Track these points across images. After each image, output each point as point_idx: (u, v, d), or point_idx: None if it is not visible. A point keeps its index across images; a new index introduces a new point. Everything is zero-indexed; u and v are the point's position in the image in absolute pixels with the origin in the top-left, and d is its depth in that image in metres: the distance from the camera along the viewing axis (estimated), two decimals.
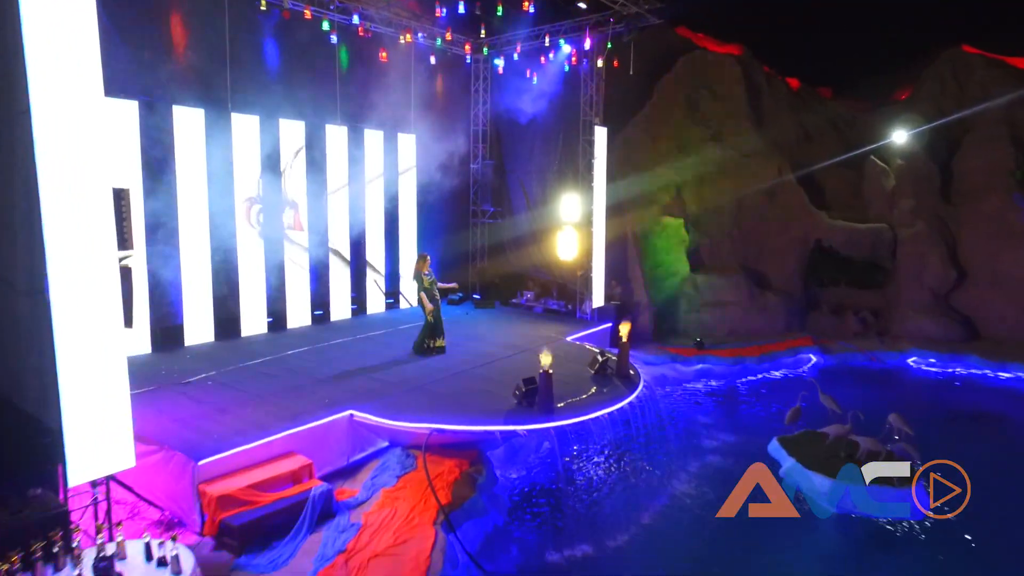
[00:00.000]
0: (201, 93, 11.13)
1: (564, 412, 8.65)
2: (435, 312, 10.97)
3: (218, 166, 11.40)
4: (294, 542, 6.83)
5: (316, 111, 12.93)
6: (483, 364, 10.71)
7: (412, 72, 14.77)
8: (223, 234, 11.61)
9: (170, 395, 8.88)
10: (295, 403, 8.66)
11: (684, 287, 17.42)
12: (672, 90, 18.20)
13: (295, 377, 9.76)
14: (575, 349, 11.87)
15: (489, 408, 8.75)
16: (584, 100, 14.31)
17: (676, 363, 14.97)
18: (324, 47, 12.82)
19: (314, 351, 11.25)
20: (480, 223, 16.90)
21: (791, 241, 18.54)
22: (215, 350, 11.18)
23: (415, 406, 8.73)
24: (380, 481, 8.03)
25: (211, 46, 11.25)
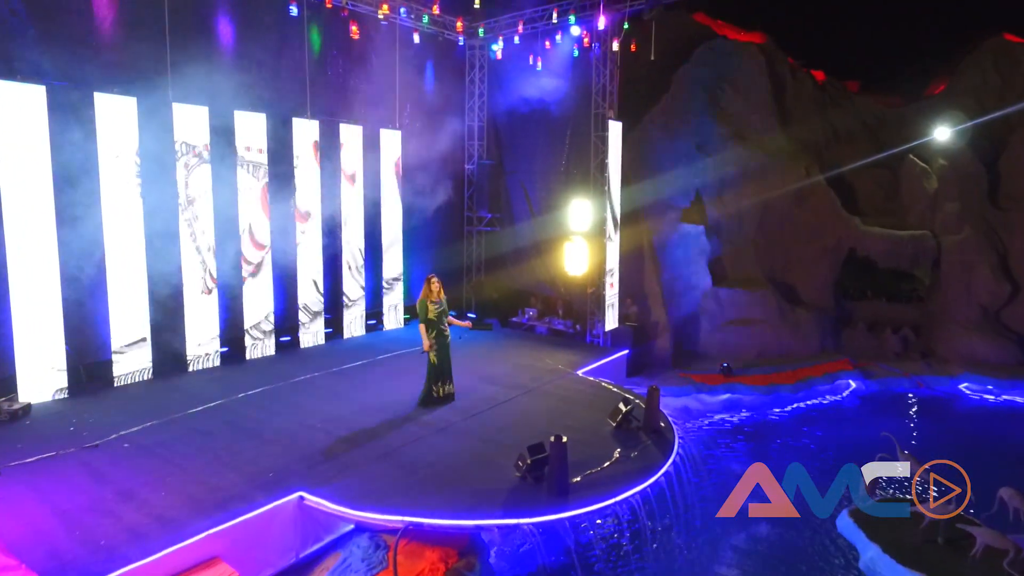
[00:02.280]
0: (132, 79, 8.88)
1: (582, 492, 6.42)
2: (441, 352, 8.62)
3: (153, 165, 9.15)
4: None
5: (281, 102, 10.69)
6: (479, 413, 8.48)
7: (397, 59, 12.51)
8: (160, 246, 9.38)
9: (66, 467, 6.65)
10: (229, 480, 6.43)
11: (706, 303, 15.22)
12: (690, 82, 15.95)
13: (236, 436, 7.52)
14: (588, 388, 9.64)
15: (485, 484, 6.54)
16: (596, 90, 12.07)
17: (701, 393, 12.77)
18: (291, 27, 10.59)
19: (270, 393, 9.02)
20: (476, 231, 14.63)
21: (822, 250, 16.35)
22: (149, 392, 8.94)
23: (387, 484, 6.50)
24: None
25: (145, 21, 9.00)
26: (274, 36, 10.52)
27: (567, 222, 12.56)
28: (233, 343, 10.51)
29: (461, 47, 13.47)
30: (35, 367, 8.27)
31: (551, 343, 12.58)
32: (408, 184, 13.29)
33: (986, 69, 17.67)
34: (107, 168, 8.69)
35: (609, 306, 12.33)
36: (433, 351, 8.51)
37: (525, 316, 14.16)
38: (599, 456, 7.18)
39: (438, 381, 8.64)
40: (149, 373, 9.36)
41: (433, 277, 8.57)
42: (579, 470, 6.79)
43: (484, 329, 13.26)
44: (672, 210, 15.17)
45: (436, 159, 13.73)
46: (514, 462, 6.66)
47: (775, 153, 16.50)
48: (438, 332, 8.50)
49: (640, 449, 7.43)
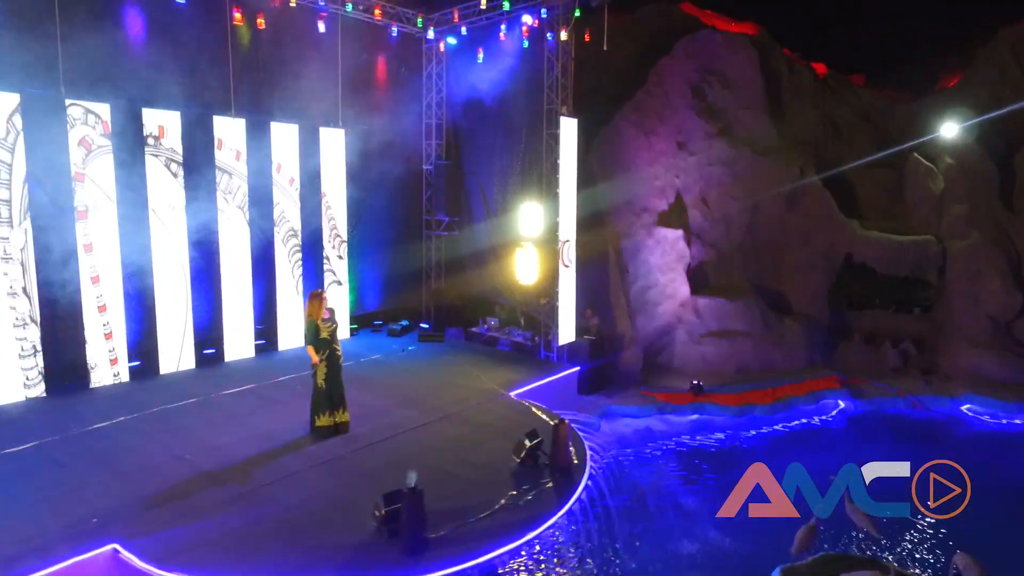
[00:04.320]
0: (16, 73, 8.12)
1: (445, 548, 5.37)
2: (332, 375, 7.57)
3: (42, 168, 8.39)
4: None
5: (198, 99, 9.85)
6: (376, 443, 7.45)
7: (339, 53, 11.58)
8: (51, 248, 8.62)
9: None
10: (41, 527, 5.56)
11: (683, 313, 13.95)
12: (673, 76, 14.67)
13: (88, 468, 6.65)
14: (513, 414, 8.54)
15: (340, 537, 5.53)
16: (548, 84, 10.95)
17: (666, 413, 11.56)
18: (215, 16, 9.74)
19: (163, 415, 8.17)
20: (435, 235, 13.63)
21: (815, 255, 14.90)
22: (36, 411, 8.16)
23: (220, 535, 5.54)
24: None
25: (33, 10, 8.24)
26: (193, 29, 9.65)
27: (520, 226, 11.47)
28: (147, 356, 9.71)
29: (416, 41, 12.46)
30: None
31: (499, 358, 11.50)
32: (357, 185, 12.37)
33: (1005, 60, 15.94)
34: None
35: (563, 318, 11.20)
36: (322, 373, 7.50)
37: (485, 326, 13.11)
38: (486, 501, 6.11)
39: (327, 409, 7.59)
40: (42, 388, 8.55)
41: (321, 292, 7.58)
42: (454, 519, 5.75)
43: (434, 340, 12.25)
44: (647, 213, 13.94)
45: (389, 159, 12.77)
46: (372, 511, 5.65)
47: (766, 152, 15.11)
48: (331, 353, 7.49)
49: (536, 493, 6.33)
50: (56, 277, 8.65)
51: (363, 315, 12.94)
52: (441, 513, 5.82)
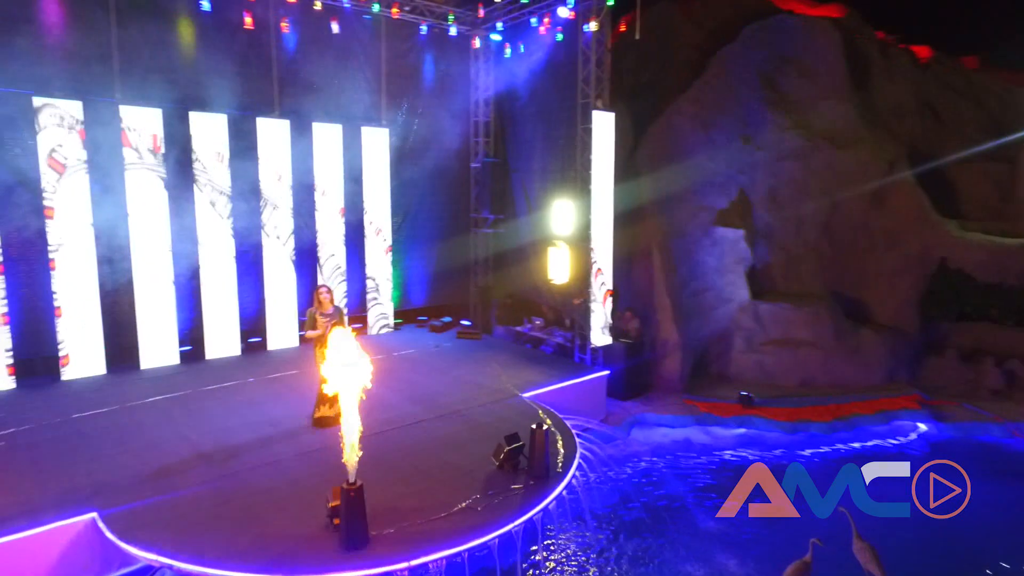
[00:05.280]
0: (77, 82, 8.99)
1: (385, 546, 5.29)
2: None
3: (102, 171, 9.24)
4: None
5: (245, 102, 10.44)
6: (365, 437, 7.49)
7: (383, 51, 11.86)
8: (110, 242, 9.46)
9: None
10: (51, 489, 6.09)
11: (741, 319, 12.99)
12: (738, 65, 13.70)
13: (100, 442, 7.19)
14: (517, 416, 8.26)
15: (295, 528, 5.61)
16: (583, 77, 10.57)
17: (708, 425, 10.77)
18: (260, 23, 10.28)
19: (190, 397, 8.71)
20: (481, 233, 13.62)
21: (904, 260, 13.36)
22: (91, 387, 8.99)
23: (186, 512, 5.79)
24: None
25: (91, 24, 9.08)
26: (239, 36, 10.24)
27: (553, 225, 11.16)
28: (196, 342, 10.43)
29: (461, 38, 12.47)
30: None
31: (532, 358, 11.23)
32: (402, 183, 12.61)
33: None
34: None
35: (597, 319, 10.76)
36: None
37: (528, 326, 12.91)
38: (446, 503, 5.97)
39: (327, 401, 7.77)
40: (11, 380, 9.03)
41: (321, 288, 7.74)
42: (406, 518, 5.66)
43: (471, 338, 12.21)
44: (704, 212, 13.11)
45: (434, 157, 12.91)
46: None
47: (849, 145, 13.75)
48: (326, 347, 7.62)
49: (502, 499, 6.09)
50: (112, 270, 9.49)
51: (408, 310, 13.17)
52: (395, 512, 5.75)
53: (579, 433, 8.13)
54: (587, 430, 9.15)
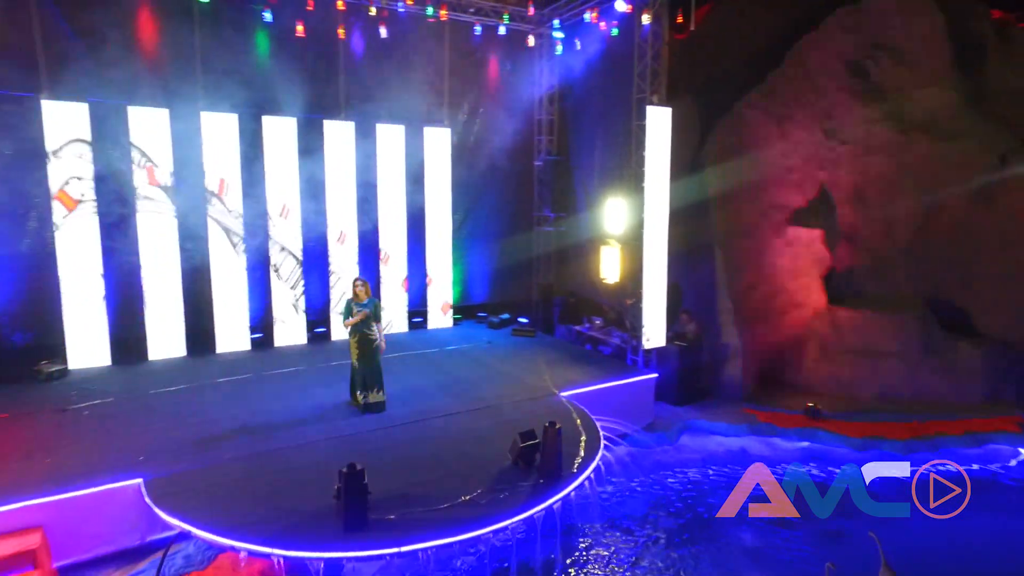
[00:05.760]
0: (164, 91, 9.95)
1: (383, 531, 5.49)
2: (365, 357, 8.09)
3: (184, 168, 10.18)
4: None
5: (314, 105, 11.09)
6: (388, 428, 7.75)
7: (446, 52, 12.20)
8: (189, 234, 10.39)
9: (31, 420, 7.73)
10: (113, 455, 6.85)
11: (816, 325, 12.16)
12: (821, 53, 12.79)
13: (168, 416, 7.98)
14: (548, 414, 8.22)
15: (299, 505, 5.94)
16: (638, 72, 10.31)
17: (767, 435, 10.19)
18: (326, 33, 10.91)
19: (243, 381, 9.41)
20: (543, 231, 13.65)
21: (1017, 265, 11.93)
22: (173, 368, 9.94)
23: (213, 486, 6.30)
24: None
25: (176, 38, 10.02)
26: (306, 45, 10.89)
27: (606, 223, 10.98)
28: (267, 329, 11.23)
29: (524, 36, 12.54)
30: (82, 339, 9.77)
31: (582, 358, 11.09)
32: (464, 182, 12.90)
33: None
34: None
35: (651, 321, 10.48)
36: (354, 354, 8.08)
37: (587, 326, 12.78)
38: (456, 494, 6.10)
39: (359, 388, 8.16)
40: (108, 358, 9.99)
41: (356, 280, 8.12)
42: (410, 506, 5.85)
43: (526, 335, 12.26)
44: (777, 210, 12.40)
45: (497, 155, 13.08)
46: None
47: (951, 138, 12.49)
48: (361, 336, 8.01)
49: (506, 495, 6.12)
50: (191, 260, 10.44)
51: (468, 306, 13.46)
52: (402, 499, 5.96)
53: (616, 437, 8.02)
54: (625, 436, 8.97)
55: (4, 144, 9.19)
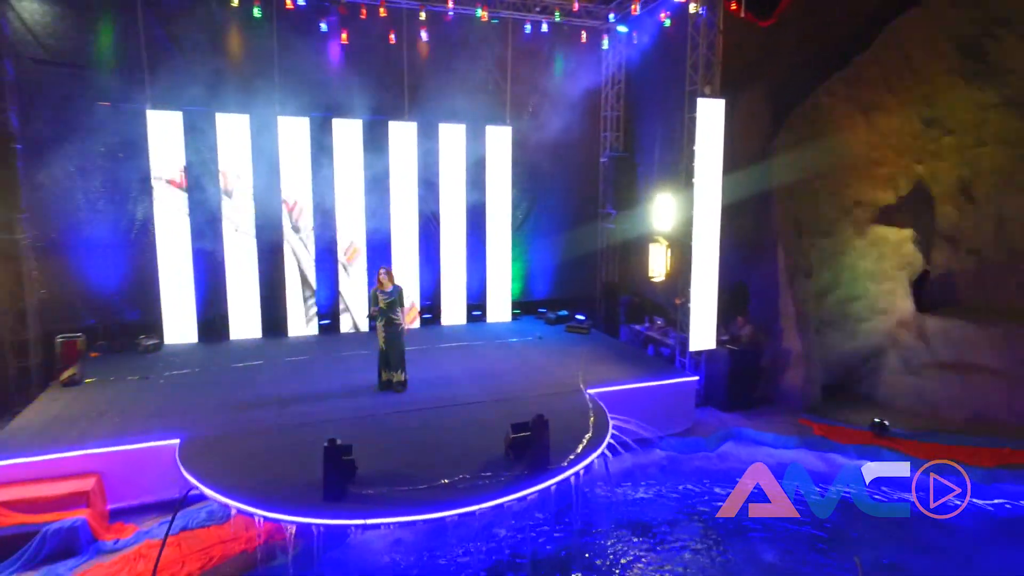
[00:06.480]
0: (245, 99, 11.06)
1: (359, 503, 5.87)
2: (391, 340, 8.70)
3: (264, 168, 11.28)
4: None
5: (378, 107, 11.79)
6: (399, 412, 8.13)
7: (508, 51, 12.42)
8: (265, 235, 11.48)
9: (117, 384, 9.04)
10: (161, 417, 7.86)
11: (901, 335, 11.03)
12: (922, 33, 11.51)
13: (229, 387, 8.95)
14: (566, 408, 8.23)
15: (301, 477, 6.48)
16: (691, 62, 9.92)
17: (822, 450, 9.44)
18: (390, 38, 11.56)
19: (303, 362, 10.27)
20: (607, 227, 13.48)
21: None
22: (247, 348, 11.05)
23: (234, 454, 7.01)
24: (174, 527, 6.67)
25: (257, 48, 11.10)
26: (375, 51, 11.61)
27: (655, 220, 10.66)
28: (334, 316, 12.15)
29: (589, 32, 12.45)
30: (175, 319, 11.18)
31: (623, 356, 10.83)
32: (527, 179, 13.09)
33: None
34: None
35: (696, 322, 10.09)
36: (381, 337, 8.62)
37: (645, 326, 12.49)
38: (440, 477, 6.37)
39: (386, 367, 8.75)
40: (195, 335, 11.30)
41: (382, 269, 8.64)
42: (401, 484, 6.21)
43: (579, 332, 12.20)
44: (861, 207, 11.38)
45: (561, 152, 13.11)
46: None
47: None
48: (388, 320, 8.54)
49: (486, 482, 6.27)
50: (269, 254, 11.55)
51: (529, 302, 13.61)
52: (388, 477, 6.31)
53: (627, 440, 7.94)
54: (646, 439, 8.74)
55: (117, 148, 10.68)
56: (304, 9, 10.76)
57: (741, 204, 11.04)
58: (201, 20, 10.66)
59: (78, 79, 10.24)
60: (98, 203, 10.72)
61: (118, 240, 10.93)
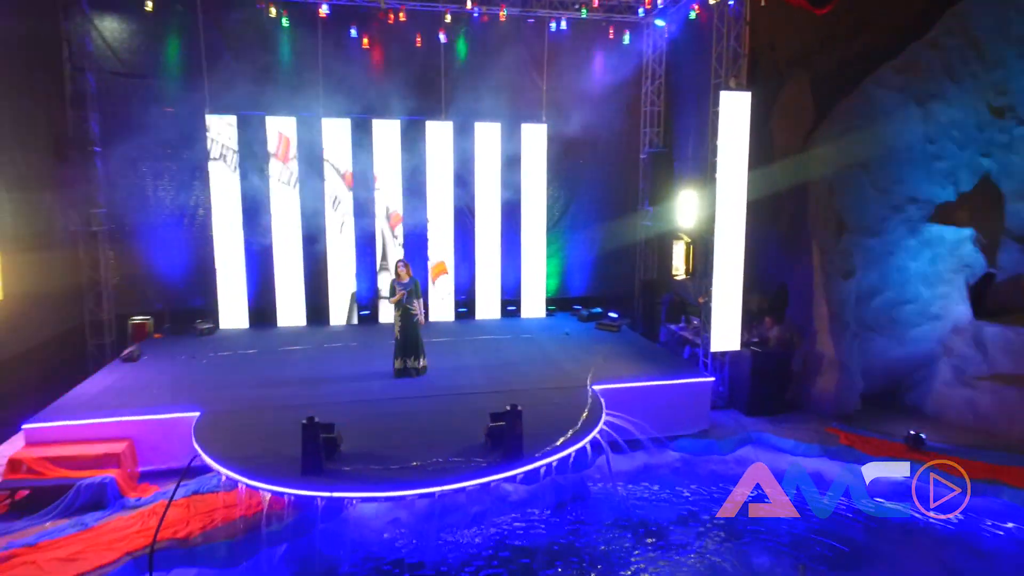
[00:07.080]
0: (291, 103, 11.85)
1: (334, 478, 6.27)
2: (406, 329, 9.16)
3: (307, 167, 12.06)
4: (40, 520, 6.98)
5: (416, 108, 12.26)
6: (413, 397, 8.44)
7: (544, 49, 12.52)
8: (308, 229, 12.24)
9: (171, 362, 10.02)
10: (192, 392, 8.66)
11: (954, 342, 10.17)
12: (990, 15, 10.51)
13: (263, 367, 9.75)
14: (565, 402, 8.26)
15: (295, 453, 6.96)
16: (716, 54, 9.63)
17: (848, 461, 8.88)
18: (430, 38, 11.99)
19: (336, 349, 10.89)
20: (645, 225, 13.25)
21: None
22: (295, 334, 11.83)
23: (244, 429, 7.61)
24: (189, 489, 7.41)
25: (302, 58, 11.86)
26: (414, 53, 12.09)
27: (679, 216, 10.41)
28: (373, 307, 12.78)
29: (633, 26, 12.30)
30: (230, 305, 12.19)
31: (645, 355, 10.58)
32: (564, 177, 13.15)
33: None
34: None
35: (718, 321, 9.79)
36: (397, 326, 9.04)
37: (680, 326, 12.21)
38: (413, 459, 6.66)
39: (400, 355, 9.17)
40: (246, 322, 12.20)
41: (399, 261, 9.08)
42: (375, 463, 6.57)
43: (609, 331, 12.10)
44: (915, 205, 10.57)
45: (597, 149, 13.09)
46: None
47: None
48: (404, 311, 8.98)
49: (455, 466, 6.49)
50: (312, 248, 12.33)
51: (565, 299, 13.65)
52: (367, 457, 6.68)
53: (656, 440, 7.98)
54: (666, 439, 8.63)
55: (182, 151, 11.77)
56: (343, 16, 11.39)
57: (781, 199, 10.60)
58: (252, 31, 11.54)
59: (147, 88, 11.39)
60: (164, 200, 11.88)
61: (181, 232, 12.04)
